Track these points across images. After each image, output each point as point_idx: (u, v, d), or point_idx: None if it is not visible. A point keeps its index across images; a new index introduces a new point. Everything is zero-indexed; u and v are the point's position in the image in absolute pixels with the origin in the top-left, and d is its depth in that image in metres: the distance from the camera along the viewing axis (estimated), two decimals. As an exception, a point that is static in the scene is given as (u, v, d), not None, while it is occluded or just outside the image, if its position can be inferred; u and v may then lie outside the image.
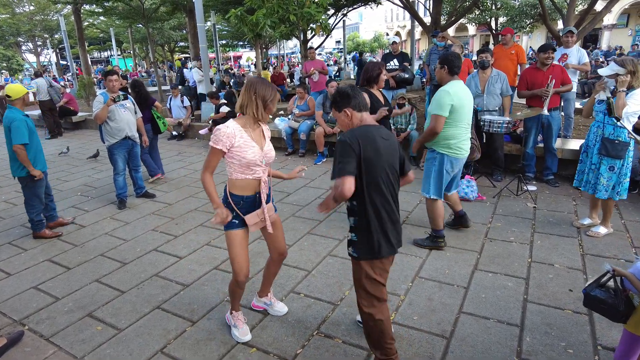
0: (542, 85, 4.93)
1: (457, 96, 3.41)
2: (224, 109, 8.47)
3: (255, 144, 2.41)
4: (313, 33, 10.22)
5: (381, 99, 3.84)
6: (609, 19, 25.96)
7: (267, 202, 2.56)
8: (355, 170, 2.05)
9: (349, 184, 2.00)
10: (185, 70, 13.27)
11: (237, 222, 2.49)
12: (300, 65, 15.64)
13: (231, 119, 2.43)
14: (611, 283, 2.07)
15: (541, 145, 5.41)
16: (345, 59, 23.14)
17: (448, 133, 3.51)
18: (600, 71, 3.57)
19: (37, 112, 12.21)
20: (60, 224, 4.71)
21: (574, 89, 5.79)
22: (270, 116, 9.14)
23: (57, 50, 34.01)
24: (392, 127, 5.45)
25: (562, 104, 5.60)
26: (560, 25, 10.70)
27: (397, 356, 2.34)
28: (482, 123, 4.93)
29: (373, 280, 2.23)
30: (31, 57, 33.38)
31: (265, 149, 2.48)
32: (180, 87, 11.07)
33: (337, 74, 19.40)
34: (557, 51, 5.75)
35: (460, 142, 3.58)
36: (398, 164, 2.26)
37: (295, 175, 2.82)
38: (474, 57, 9.69)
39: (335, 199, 2.06)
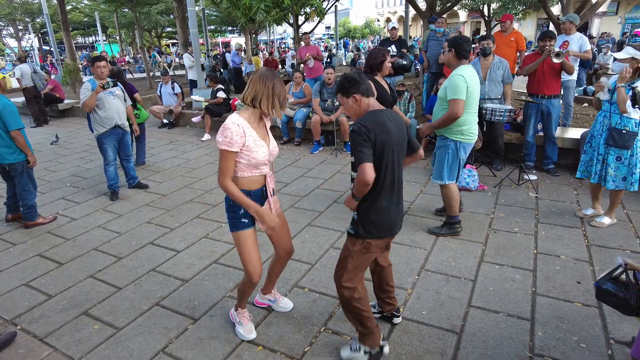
0: (543, 71, 4.91)
1: (470, 81, 3.40)
2: (221, 95, 8.24)
3: (263, 142, 2.27)
4: (306, 18, 9.99)
5: (386, 86, 3.73)
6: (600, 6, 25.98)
7: (272, 195, 2.45)
8: (371, 156, 2.07)
9: (369, 170, 2.03)
10: (227, 54, 13.20)
11: (246, 221, 2.36)
12: (291, 51, 15.39)
13: (235, 113, 2.24)
14: (623, 277, 2.02)
15: (541, 134, 5.36)
16: (337, 44, 22.79)
17: (462, 119, 3.50)
18: (617, 55, 3.50)
19: (20, 99, 11.83)
20: (17, 218, 4.52)
21: (574, 76, 5.72)
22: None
23: (40, 35, 33.01)
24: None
25: (562, 92, 5.54)
26: (556, 11, 10.61)
27: (378, 329, 2.38)
28: (484, 111, 4.84)
29: (363, 258, 2.27)
30: (12, 42, 32.34)
31: (271, 146, 2.34)
32: (222, 70, 11.18)
33: (329, 60, 19.14)
34: (558, 38, 5.66)
35: (472, 128, 3.62)
36: (406, 144, 2.28)
37: None
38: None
39: (358, 189, 2.10)
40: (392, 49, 7.10)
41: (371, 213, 2.19)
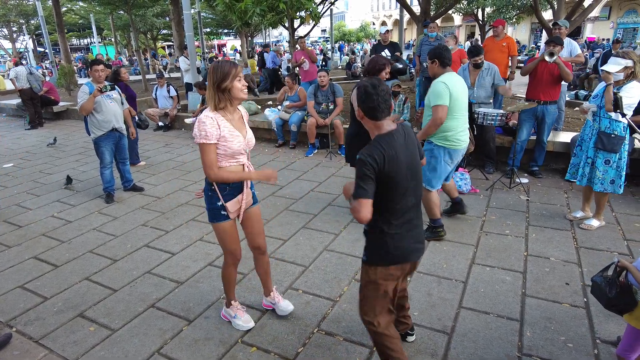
0: (543, 73, 4.97)
1: (453, 87, 3.44)
2: None
3: (239, 132, 2.37)
4: (302, 21, 10.06)
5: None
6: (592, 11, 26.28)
7: (250, 188, 2.56)
8: (371, 192, 1.89)
9: (364, 210, 1.86)
10: (265, 54, 13.22)
11: (225, 213, 2.45)
12: (287, 54, 15.44)
13: (207, 109, 2.32)
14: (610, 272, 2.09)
15: (533, 137, 5.44)
16: (332, 48, 22.87)
17: (445, 125, 3.52)
18: (609, 68, 3.54)
19: (15, 101, 11.80)
20: None
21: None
22: (259, 106, 8.97)
23: (34, 37, 32.86)
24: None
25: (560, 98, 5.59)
26: (547, 16, 10.74)
27: None
28: (475, 115, 4.92)
29: (377, 287, 2.08)
30: (6, 44, 32.16)
31: (247, 137, 2.44)
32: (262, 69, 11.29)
33: (324, 63, 19.22)
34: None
35: (458, 134, 3.60)
36: (419, 160, 2.08)
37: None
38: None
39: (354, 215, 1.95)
40: (386, 52, 7.17)
41: (380, 239, 2.03)
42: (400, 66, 6.74)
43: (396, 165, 1.91)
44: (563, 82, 5.74)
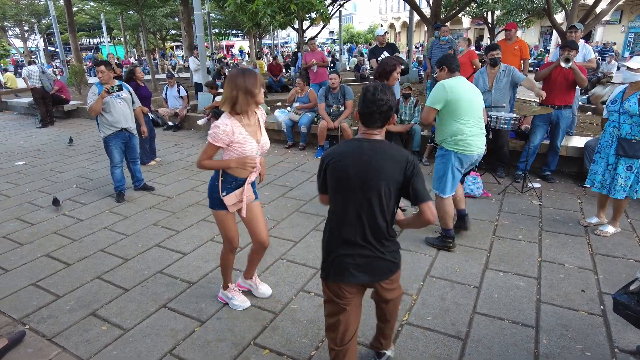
0: (557, 78, 4.91)
1: (453, 90, 3.37)
2: (219, 99, 8.30)
3: (252, 139, 2.51)
4: (311, 23, 10.07)
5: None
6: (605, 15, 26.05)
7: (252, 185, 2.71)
8: (323, 186, 2.05)
9: (321, 199, 2.16)
10: (299, 54, 13.31)
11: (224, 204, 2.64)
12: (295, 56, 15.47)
13: (226, 114, 2.46)
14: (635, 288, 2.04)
15: (546, 142, 5.38)
16: (340, 50, 22.85)
17: (453, 128, 3.44)
18: (630, 64, 3.48)
19: (27, 99, 11.92)
20: None
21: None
22: (269, 107, 8.98)
23: (45, 36, 33.21)
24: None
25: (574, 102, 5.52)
26: (559, 19, 10.67)
27: None
28: (489, 119, 4.87)
29: (326, 301, 2.07)
30: (18, 43, 32.52)
31: (262, 142, 2.60)
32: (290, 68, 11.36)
33: (332, 65, 19.21)
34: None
35: (468, 138, 3.45)
36: (380, 185, 1.85)
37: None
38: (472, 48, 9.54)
39: None
40: (385, 54, 7.11)
41: (323, 247, 2.05)
42: (403, 67, 6.70)
43: (341, 169, 1.90)
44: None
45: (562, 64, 4.68)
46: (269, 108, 8.78)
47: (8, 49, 36.77)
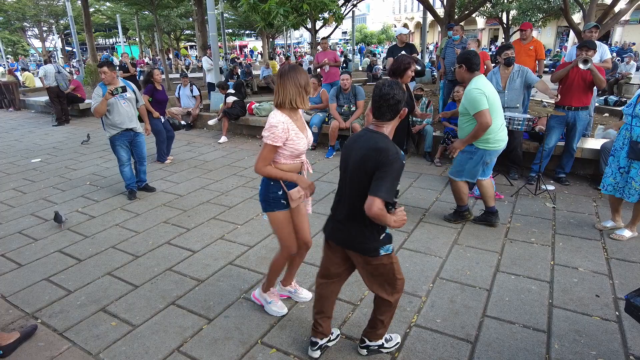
0: (574, 79, 4.82)
1: (485, 89, 3.52)
2: (230, 99, 8.34)
3: (303, 134, 2.50)
4: (324, 23, 10.05)
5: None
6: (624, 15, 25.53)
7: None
8: None
9: None
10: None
11: (285, 202, 2.55)
12: (308, 56, 15.49)
13: (278, 112, 2.42)
14: None
15: (560, 143, 5.28)
16: (353, 50, 22.82)
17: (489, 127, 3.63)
18: None
19: (44, 98, 12.16)
20: None
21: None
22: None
23: (63, 36, 33.84)
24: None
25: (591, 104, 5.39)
26: (576, 19, 10.48)
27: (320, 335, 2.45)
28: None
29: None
30: (36, 43, 33.23)
31: (308, 136, 2.57)
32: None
33: (345, 65, 19.19)
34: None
35: (498, 135, 3.73)
36: (362, 170, 2.04)
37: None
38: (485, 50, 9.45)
39: None
40: (403, 54, 7.07)
41: None
42: (419, 68, 6.65)
43: (345, 153, 2.22)
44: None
45: (580, 66, 4.54)
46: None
47: (27, 49, 37.57)
